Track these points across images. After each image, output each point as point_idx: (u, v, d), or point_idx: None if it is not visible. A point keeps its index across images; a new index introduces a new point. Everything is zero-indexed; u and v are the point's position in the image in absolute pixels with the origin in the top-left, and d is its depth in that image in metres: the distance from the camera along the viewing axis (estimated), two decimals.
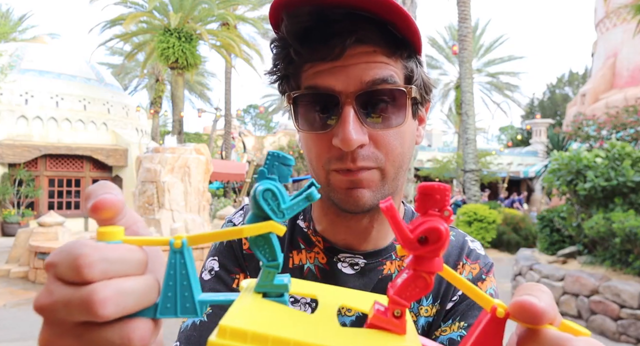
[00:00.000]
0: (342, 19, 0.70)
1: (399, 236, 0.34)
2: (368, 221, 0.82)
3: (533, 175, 23.27)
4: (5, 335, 5.49)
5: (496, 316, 0.36)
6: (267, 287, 0.38)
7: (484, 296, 0.37)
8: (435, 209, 0.34)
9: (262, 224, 0.37)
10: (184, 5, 18.55)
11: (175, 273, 0.37)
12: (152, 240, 0.38)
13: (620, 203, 6.28)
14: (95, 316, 0.33)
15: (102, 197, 0.36)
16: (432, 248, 0.34)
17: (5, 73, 14.18)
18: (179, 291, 0.36)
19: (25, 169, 16.12)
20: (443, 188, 0.34)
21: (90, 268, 0.33)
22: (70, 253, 0.34)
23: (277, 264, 0.38)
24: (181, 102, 20.50)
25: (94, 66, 19.82)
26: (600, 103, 15.93)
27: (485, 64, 31.23)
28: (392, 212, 0.35)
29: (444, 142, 40.18)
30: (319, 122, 0.75)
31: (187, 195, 10.25)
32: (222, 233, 0.37)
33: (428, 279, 0.35)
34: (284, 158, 0.38)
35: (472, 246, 0.91)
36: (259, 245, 0.38)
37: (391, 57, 0.73)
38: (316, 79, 0.73)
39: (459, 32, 15.19)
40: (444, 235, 0.33)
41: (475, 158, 14.96)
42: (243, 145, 29.40)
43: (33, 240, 8.84)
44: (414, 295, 0.35)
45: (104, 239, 0.36)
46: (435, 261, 0.35)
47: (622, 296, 5.48)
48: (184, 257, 0.37)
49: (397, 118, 0.74)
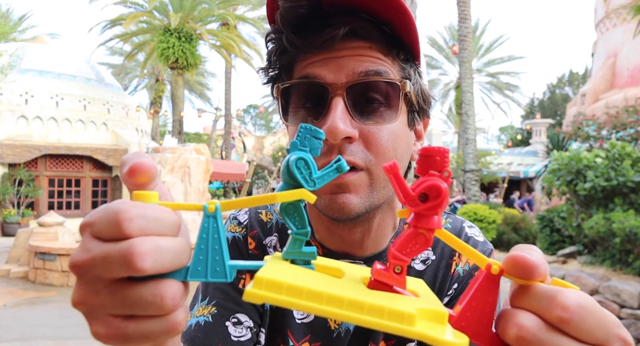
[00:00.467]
0: (338, 15, 0.68)
1: (401, 193, 0.36)
2: (360, 232, 0.79)
3: (533, 175, 23.27)
4: (5, 335, 5.49)
5: (491, 273, 0.37)
6: (296, 254, 0.40)
7: (479, 256, 0.38)
8: (436, 170, 0.36)
9: (294, 191, 0.38)
10: (184, 5, 18.55)
11: (207, 237, 0.37)
12: (185, 205, 0.38)
13: (620, 203, 6.28)
14: (134, 270, 0.33)
15: (139, 160, 0.37)
16: (432, 205, 0.35)
17: (5, 73, 14.18)
18: (210, 254, 0.37)
19: (25, 169, 16.12)
20: (443, 151, 0.36)
21: (130, 223, 0.34)
22: (109, 209, 0.34)
23: (306, 232, 0.39)
24: (181, 102, 20.50)
25: (94, 66, 19.83)
26: (600, 103, 15.93)
27: (485, 64, 31.24)
28: (395, 171, 0.36)
29: (444, 142, 40.17)
30: (306, 115, 0.71)
31: (187, 195, 10.26)
32: (255, 199, 0.38)
33: (427, 235, 0.36)
34: (316, 132, 0.39)
35: (469, 233, 0.88)
36: (289, 213, 0.39)
37: (387, 56, 0.71)
38: (307, 70, 0.71)
39: (459, 32, 15.19)
40: (443, 192, 0.35)
41: (475, 158, 14.96)
42: (243, 145, 29.41)
43: (33, 240, 8.84)
44: (413, 251, 0.37)
45: (140, 200, 0.36)
46: (434, 219, 0.36)
47: (622, 296, 5.48)
48: (217, 222, 0.37)
49: (389, 115, 0.70)
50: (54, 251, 8.31)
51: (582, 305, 0.35)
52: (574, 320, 0.34)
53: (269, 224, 0.89)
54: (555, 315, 0.34)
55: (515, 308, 0.37)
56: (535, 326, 0.35)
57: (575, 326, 0.34)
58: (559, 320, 0.34)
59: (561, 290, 0.35)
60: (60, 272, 8.32)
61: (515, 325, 0.35)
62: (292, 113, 0.74)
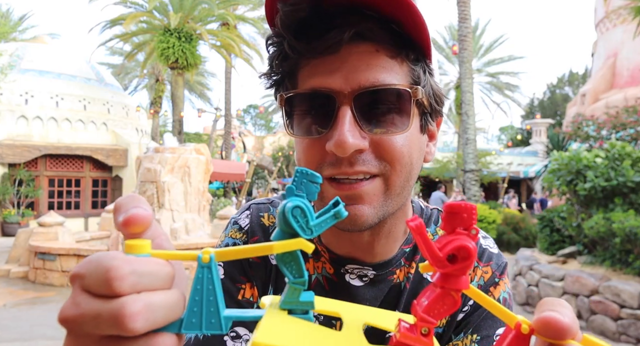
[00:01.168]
0: (341, 13, 0.64)
1: (429, 255, 0.35)
2: (369, 237, 0.76)
3: (533, 175, 23.26)
4: (5, 335, 5.49)
5: (521, 332, 0.36)
6: (294, 304, 0.38)
7: (507, 313, 0.37)
8: (462, 228, 0.35)
9: (291, 241, 0.37)
10: (184, 5, 18.55)
11: (202, 288, 0.36)
12: (179, 254, 0.37)
13: (620, 203, 6.28)
14: (125, 331, 0.32)
15: (134, 211, 0.36)
16: (461, 266, 0.34)
17: (5, 73, 14.18)
18: (204, 306, 0.36)
19: (25, 169, 16.12)
20: (470, 207, 0.34)
21: (121, 281, 0.32)
22: (100, 265, 0.33)
23: (304, 281, 0.38)
24: (181, 102, 20.50)
25: (94, 66, 19.83)
26: (600, 104, 15.93)
27: (485, 64, 31.24)
28: (422, 230, 0.35)
29: (444, 142, 40.17)
30: (313, 126, 0.68)
31: (187, 195, 10.26)
32: (251, 250, 0.37)
33: (456, 297, 0.35)
34: (312, 176, 0.38)
35: (484, 244, 0.85)
36: (286, 262, 0.38)
37: (395, 59, 0.67)
38: (311, 79, 0.67)
39: (459, 32, 15.19)
40: (472, 253, 0.34)
41: (475, 158, 14.96)
42: (243, 145, 29.42)
43: (33, 240, 8.84)
44: (442, 313, 0.35)
45: (132, 252, 0.35)
46: (463, 279, 0.35)
47: (622, 296, 5.48)
48: (212, 272, 0.36)
49: (401, 123, 0.67)
50: (54, 251, 8.31)
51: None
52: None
53: (271, 228, 0.86)
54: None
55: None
56: None
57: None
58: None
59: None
60: (60, 272, 8.32)
61: None
62: (298, 124, 0.70)
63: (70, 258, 8.28)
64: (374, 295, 0.80)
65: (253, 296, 0.82)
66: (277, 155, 31.05)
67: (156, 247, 0.38)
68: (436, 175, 23.09)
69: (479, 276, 0.82)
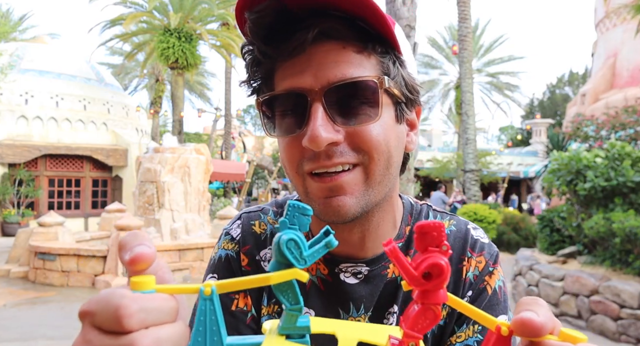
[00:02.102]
0: (306, 15, 0.66)
1: (405, 275, 0.37)
2: (360, 233, 0.78)
3: (533, 175, 23.27)
4: (5, 335, 5.49)
5: (501, 334, 0.39)
6: (291, 329, 0.41)
7: (487, 318, 0.40)
8: (434, 245, 0.37)
9: (287, 272, 0.39)
10: (184, 5, 18.56)
11: (205, 319, 0.39)
12: (183, 288, 0.40)
13: (620, 203, 6.28)
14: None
15: (139, 251, 0.38)
16: (436, 282, 0.37)
17: (5, 73, 14.18)
18: (208, 336, 0.38)
19: (25, 169, 16.13)
20: (438, 225, 0.37)
21: (131, 319, 0.34)
22: (110, 303, 0.35)
23: (300, 307, 0.41)
24: (181, 102, 20.50)
25: (94, 66, 19.84)
26: (600, 104, 15.93)
27: (485, 64, 31.24)
28: (396, 254, 0.38)
29: (444, 142, 40.17)
30: (289, 125, 0.71)
31: (187, 195, 10.26)
32: (250, 281, 0.40)
33: (436, 310, 0.38)
34: (304, 209, 0.41)
35: (475, 235, 0.87)
36: (283, 291, 0.41)
37: (362, 53, 0.69)
38: (284, 81, 0.70)
39: (459, 32, 15.19)
40: (445, 270, 0.36)
41: (475, 158, 14.97)
42: (243, 145, 29.42)
43: (33, 240, 8.84)
44: (425, 327, 0.38)
45: (138, 289, 0.38)
46: (440, 293, 0.38)
47: (622, 296, 5.48)
48: (214, 304, 0.39)
49: (372, 113, 0.69)
50: (54, 251, 8.31)
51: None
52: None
53: (263, 236, 0.88)
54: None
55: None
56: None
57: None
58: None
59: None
60: (60, 272, 8.32)
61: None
62: (276, 125, 0.73)
63: (70, 258, 8.28)
64: (370, 291, 0.81)
65: (247, 306, 0.84)
66: (277, 155, 31.02)
67: (159, 280, 0.41)
68: (436, 175, 23.09)
69: (473, 267, 0.83)
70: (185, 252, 8.79)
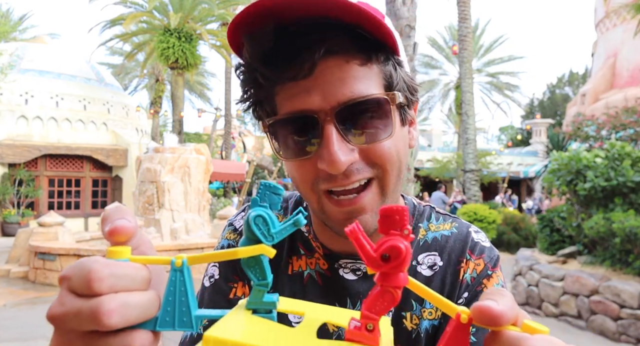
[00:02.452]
0: (306, 31, 0.64)
1: (364, 256, 0.38)
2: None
3: (533, 175, 23.27)
4: (5, 335, 5.49)
5: (460, 322, 0.38)
6: (257, 304, 0.42)
7: (448, 305, 0.40)
8: (396, 229, 0.37)
9: (255, 247, 0.41)
10: (184, 5, 18.56)
11: (175, 290, 0.40)
12: (155, 259, 0.41)
13: (620, 203, 6.28)
14: (101, 326, 0.36)
15: (118, 223, 0.40)
16: (394, 265, 0.36)
17: (5, 73, 14.18)
18: (177, 306, 0.40)
19: (25, 169, 16.12)
20: (401, 209, 0.37)
21: (101, 282, 0.37)
22: (83, 268, 0.38)
23: (267, 283, 0.42)
24: (181, 102, 20.50)
25: (94, 66, 19.83)
26: (600, 104, 15.93)
27: (485, 64, 31.23)
28: (356, 235, 0.38)
29: (444, 142, 40.15)
30: (300, 148, 0.69)
31: (187, 195, 10.26)
32: (219, 255, 0.41)
33: (395, 294, 0.37)
34: (275, 188, 0.42)
35: (476, 238, 0.86)
36: (251, 266, 0.42)
37: (366, 65, 0.68)
38: (290, 102, 0.68)
39: (459, 32, 15.19)
40: (403, 253, 0.36)
41: (475, 158, 14.97)
42: (243, 145, 29.43)
43: (33, 240, 8.84)
44: (382, 309, 0.38)
45: (113, 257, 0.40)
46: (400, 277, 0.37)
47: (622, 296, 5.48)
48: (184, 275, 0.41)
49: (385, 130, 0.69)
50: (54, 251, 8.31)
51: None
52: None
53: None
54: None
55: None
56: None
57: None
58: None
59: (528, 338, 0.36)
60: (60, 272, 8.32)
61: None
62: (286, 147, 0.71)
63: (70, 258, 8.28)
64: (368, 288, 0.81)
65: (245, 294, 0.85)
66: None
67: (139, 253, 0.43)
68: (436, 175, 23.09)
69: (471, 269, 0.83)
70: (185, 252, 8.76)
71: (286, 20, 0.64)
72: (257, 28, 0.64)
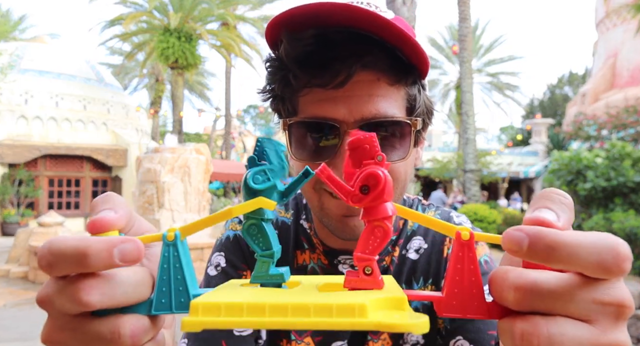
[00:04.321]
0: (345, 41, 0.65)
1: (341, 192, 0.34)
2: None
3: (533, 175, 23.26)
4: (5, 335, 5.49)
5: (462, 240, 0.35)
6: (263, 278, 0.37)
7: (446, 225, 0.36)
8: (369, 158, 0.34)
9: (251, 201, 0.35)
10: (184, 5, 18.55)
11: (169, 267, 0.35)
12: (144, 237, 0.37)
13: (620, 203, 6.28)
14: (80, 304, 0.34)
15: (100, 216, 0.36)
16: (376, 194, 0.33)
17: (5, 73, 14.17)
18: (173, 285, 0.35)
19: (25, 169, 16.11)
20: (369, 137, 0.34)
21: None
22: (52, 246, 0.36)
23: (272, 253, 0.37)
24: (181, 102, 20.50)
25: (94, 66, 19.82)
26: (601, 103, 15.93)
27: (485, 64, 31.23)
28: (327, 172, 0.35)
29: (444, 142, 40.16)
30: (316, 152, 0.71)
31: (187, 195, 10.25)
32: (214, 217, 0.36)
33: (384, 226, 0.34)
34: (277, 144, 0.37)
35: (457, 220, 0.89)
36: (252, 234, 0.37)
37: (394, 85, 0.69)
38: (316, 108, 0.69)
39: (459, 32, 15.19)
40: (381, 178, 0.33)
41: (475, 158, 14.96)
42: (243, 145, 29.43)
43: (33, 240, 8.83)
44: (376, 246, 0.35)
45: (98, 233, 0.36)
46: (385, 207, 0.34)
47: None
48: (177, 250, 0.36)
49: (401, 152, 0.70)
50: None
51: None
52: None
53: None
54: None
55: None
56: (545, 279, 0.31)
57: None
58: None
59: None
60: None
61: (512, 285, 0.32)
62: (301, 148, 0.72)
63: None
64: None
65: None
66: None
67: (135, 233, 0.39)
68: (436, 175, 23.07)
69: None
70: None
71: (329, 27, 0.64)
72: (299, 29, 0.65)
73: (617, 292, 0.32)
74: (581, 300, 0.31)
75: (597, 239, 0.30)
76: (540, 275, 0.31)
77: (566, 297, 0.31)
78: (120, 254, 0.34)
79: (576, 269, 0.31)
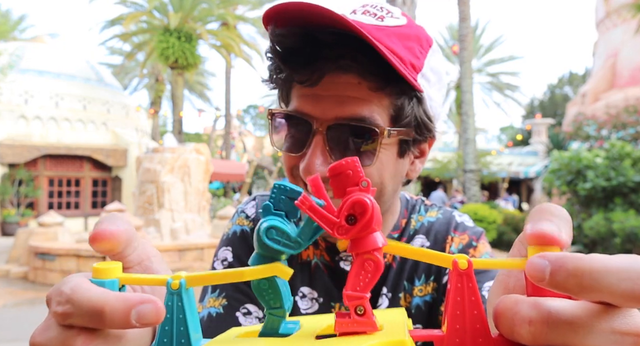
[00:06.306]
0: (333, 43, 0.65)
1: (325, 224, 0.31)
2: None
3: (533, 175, 23.26)
4: (5, 335, 5.48)
5: (460, 269, 0.32)
6: (271, 335, 0.35)
7: (441, 256, 0.33)
8: (352, 185, 0.32)
9: (265, 267, 0.33)
10: (184, 5, 18.55)
11: (172, 317, 0.33)
12: (149, 279, 0.35)
13: (620, 203, 6.28)
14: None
15: (100, 228, 0.35)
16: (363, 224, 0.31)
17: (5, 73, 14.17)
18: (175, 337, 0.33)
19: (25, 169, 16.11)
20: (352, 162, 0.32)
21: (71, 318, 0.33)
22: (63, 295, 0.34)
23: (283, 311, 0.35)
24: (181, 102, 20.50)
25: (94, 66, 19.81)
26: (601, 103, 15.93)
27: (485, 64, 31.24)
28: (309, 203, 0.32)
29: (444, 142, 40.15)
30: (290, 143, 0.74)
31: (187, 195, 10.25)
32: (224, 275, 0.34)
33: (375, 259, 0.32)
34: (292, 192, 0.33)
35: (459, 219, 0.89)
36: (262, 289, 0.34)
37: (377, 91, 0.68)
38: (297, 101, 0.72)
39: (459, 32, 15.18)
40: (369, 206, 0.30)
41: (475, 158, 14.96)
42: (243, 145, 29.43)
43: (33, 240, 8.84)
44: (368, 282, 0.32)
45: (100, 277, 0.33)
46: (374, 237, 0.32)
47: None
48: (182, 300, 0.33)
49: (367, 158, 0.70)
50: (53, 251, 8.31)
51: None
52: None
53: None
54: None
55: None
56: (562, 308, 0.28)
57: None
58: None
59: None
60: (60, 272, 8.31)
61: (525, 318, 0.28)
62: (280, 138, 0.76)
63: (70, 258, 8.27)
64: None
65: None
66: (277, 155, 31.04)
67: (143, 269, 0.37)
68: (436, 175, 23.08)
69: (456, 244, 0.86)
70: (185, 252, 8.79)
71: (316, 27, 0.65)
72: (287, 28, 0.66)
73: (636, 320, 0.28)
74: (601, 330, 0.27)
75: (629, 264, 0.27)
76: (555, 304, 0.28)
77: (585, 328, 0.27)
78: (137, 316, 0.31)
79: (602, 298, 0.27)
